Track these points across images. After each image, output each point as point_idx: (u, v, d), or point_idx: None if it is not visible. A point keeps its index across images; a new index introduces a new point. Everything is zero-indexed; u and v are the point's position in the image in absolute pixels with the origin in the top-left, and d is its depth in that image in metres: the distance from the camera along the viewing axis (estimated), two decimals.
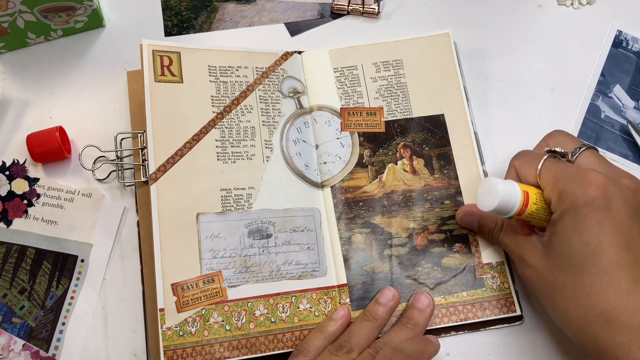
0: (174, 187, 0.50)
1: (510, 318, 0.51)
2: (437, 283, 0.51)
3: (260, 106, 0.54)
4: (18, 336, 0.50)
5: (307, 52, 0.57)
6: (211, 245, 0.49)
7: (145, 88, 0.52)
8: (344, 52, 0.57)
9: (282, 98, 0.55)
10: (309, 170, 0.54)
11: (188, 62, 0.54)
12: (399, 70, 0.57)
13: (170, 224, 0.49)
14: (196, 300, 0.48)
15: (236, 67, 0.55)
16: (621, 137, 0.57)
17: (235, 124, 0.53)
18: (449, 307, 0.50)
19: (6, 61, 0.57)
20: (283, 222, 0.51)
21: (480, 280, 0.51)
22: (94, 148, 0.53)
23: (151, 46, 0.53)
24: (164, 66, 0.53)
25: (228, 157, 0.52)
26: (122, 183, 0.53)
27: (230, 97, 0.54)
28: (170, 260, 0.48)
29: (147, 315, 0.49)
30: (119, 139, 0.54)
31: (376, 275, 0.51)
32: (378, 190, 0.54)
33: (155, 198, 0.49)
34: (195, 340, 0.47)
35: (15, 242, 0.52)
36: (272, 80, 0.55)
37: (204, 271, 0.49)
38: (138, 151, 0.53)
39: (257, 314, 0.49)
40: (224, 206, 0.50)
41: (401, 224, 0.53)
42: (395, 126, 0.55)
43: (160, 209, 0.49)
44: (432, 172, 0.54)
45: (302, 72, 0.57)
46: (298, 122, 0.55)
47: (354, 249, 0.52)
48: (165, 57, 0.53)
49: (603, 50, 0.60)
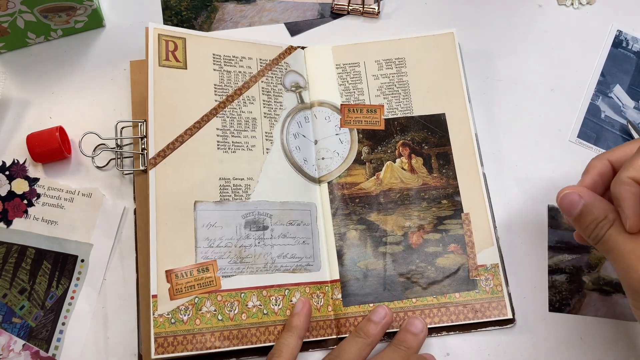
0: (173, 173, 0.50)
1: (502, 320, 0.51)
2: (430, 282, 0.51)
3: (263, 98, 0.54)
4: (18, 336, 0.50)
5: (310, 48, 0.58)
6: (207, 234, 0.49)
7: (149, 72, 0.51)
8: (346, 49, 0.57)
9: (285, 91, 0.55)
10: (307, 165, 0.54)
11: (193, 48, 0.54)
12: (401, 69, 0.57)
13: (167, 211, 0.48)
14: (190, 288, 0.48)
15: (240, 57, 0.55)
16: (621, 137, 0.57)
17: (237, 114, 0.53)
18: (441, 308, 0.50)
19: (6, 61, 0.57)
20: (280, 214, 0.51)
21: (473, 282, 0.51)
22: (94, 135, 0.53)
23: (157, 30, 0.53)
24: (169, 51, 0.53)
25: (228, 146, 0.52)
26: (120, 171, 0.53)
27: (233, 86, 0.54)
28: (166, 247, 0.48)
29: (140, 302, 0.49)
30: (119, 128, 0.54)
31: (369, 272, 0.51)
32: (375, 187, 0.54)
33: (153, 183, 0.49)
34: (187, 328, 0.47)
35: (15, 242, 0.52)
36: (275, 73, 0.55)
37: (198, 260, 0.48)
38: (138, 140, 0.53)
39: (250, 305, 0.49)
40: (222, 195, 0.51)
41: (397, 222, 0.53)
42: (395, 124, 0.55)
43: (158, 195, 0.49)
44: (431, 171, 0.54)
45: (305, 67, 0.57)
46: (299, 116, 0.55)
47: (348, 245, 0.52)
48: (171, 42, 0.53)
49: (603, 50, 0.60)
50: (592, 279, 0.53)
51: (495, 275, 0.51)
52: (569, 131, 0.57)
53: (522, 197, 0.55)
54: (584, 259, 0.53)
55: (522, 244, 0.53)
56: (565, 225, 0.54)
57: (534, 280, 0.52)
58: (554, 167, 0.56)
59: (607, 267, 0.53)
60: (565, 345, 0.50)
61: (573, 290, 0.52)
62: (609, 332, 0.51)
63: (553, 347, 0.51)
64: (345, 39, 0.59)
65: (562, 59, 0.60)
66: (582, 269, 0.53)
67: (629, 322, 0.52)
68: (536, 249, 0.53)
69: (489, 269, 0.51)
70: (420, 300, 0.50)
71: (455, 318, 0.50)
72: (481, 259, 0.52)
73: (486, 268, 0.51)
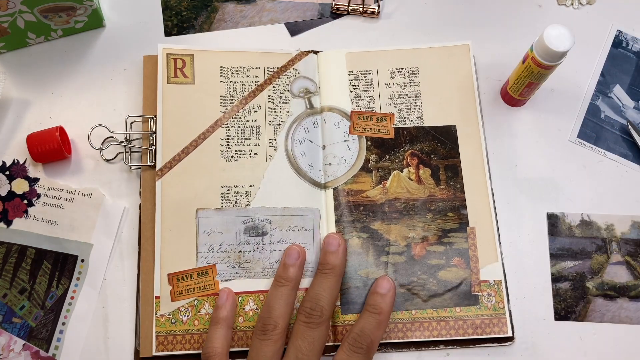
0: (177, 183, 0.51)
1: (501, 338, 0.50)
2: (431, 295, 0.51)
3: (269, 106, 0.55)
4: (18, 336, 0.50)
5: (323, 53, 0.57)
6: (208, 239, 0.51)
7: (158, 90, 0.53)
8: (360, 56, 0.57)
9: (292, 98, 0.55)
10: (313, 170, 0.54)
11: (201, 63, 0.55)
12: (414, 78, 0.57)
13: (171, 218, 0.51)
14: (190, 291, 0.50)
15: (247, 68, 0.55)
16: (621, 137, 0.57)
17: (242, 123, 0.54)
18: (440, 321, 0.50)
19: (6, 61, 0.57)
20: (280, 220, 0.52)
21: (475, 297, 0.51)
22: (103, 129, 0.54)
23: (166, 50, 0.54)
24: (177, 68, 0.54)
25: (231, 155, 0.53)
26: (128, 165, 0.53)
27: (239, 96, 0.54)
28: (169, 252, 0.50)
29: (140, 299, 0.50)
30: (129, 122, 0.54)
31: (370, 281, 0.51)
32: (380, 196, 0.53)
33: (159, 194, 0.51)
34: (186, 328, 0.49)
35: (16, 242, 0.52)
36: (283, 80, 0.56)
37: (199, 264, 0.50)
38: (147, 135, 0.53)
39: (247, 308, 0.50)
40: (223, 202, 0.51)
41: (401, 232, 0.52)
42: (405, 134, 0.55)
43: (164, 204, 0.51)
44: (438, 183, 0.54)
45: (317, 72, 0.57)
46: (307, 121, 0.55)
47: (350, 252, 0.52)
48: (179, 59, 0.54)
49: (603, 50, 0.60)
50: (595, 284, 0.52)
51: (498, 291, 0.51)
52: (569, 131, 0.57)
53: (523, 199, 0.55)
54: (586, 264, 0.53)
55: (523, 251, 0.53)
56: (565, 232, 0.54)
57: (538, 289, 0.52)
58: (553, 167, 0.56)
59: (610, 271, 0.53)
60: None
61: (577, 297, 0.52)
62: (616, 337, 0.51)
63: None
64: (346, 40, 0.59)
65: None
66: (585, 275, 0.52)
67: (636, 326, 0.51)
68: (538, 255, 0.53)
69: (492, 285, 0.51)
70: (420, 313, 0.50)
71: (454, 333, 0.50)
72: (484, 275, 0.51)
73: (489, 284, 0.51)
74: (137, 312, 0.50)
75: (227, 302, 0.49)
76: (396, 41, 0.59)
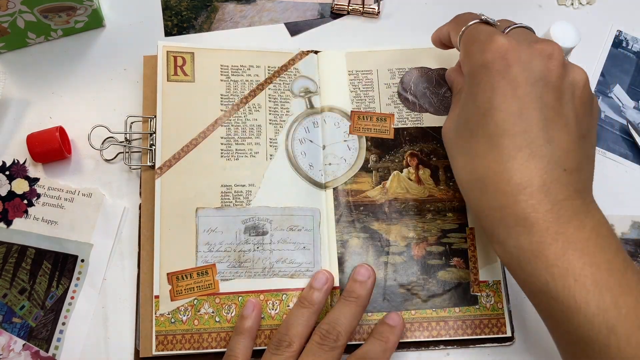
0: (177, 182, 0.51)
1: (501, 338, 0.50)
2: (431, 295, 0.51)
3: (269, 105, 0.54)
4: (18, 336, 0.50)
5: (323, 52, 0.57)
6: (208, 239, 0.50)
7: (158, 88, 0.53)
8: (360, 56, 0.57)
9: (292, 97, 0.55)
10: (313, 170, 0.54)
11: (201, 62, 0.54)
12: None
13: (171, 217, 0.50)
14: (189, 290, 0.49)
15: (248, 66, 0.55)
16: (621, 137, 0.57)
17: (242, 122, 0.54)
18: (440, 321, 0.50)
19: (6, 61, 0.57)
20: (280, 220, 0.51)
21: (474, 298, 0.51)
22: (103, 129, 0.54)
23: (166, 47, 0.54)
24: (177, 66, 0.54)
25: (232, 154, 0.53)
26: (128, 165, 0.53)
27: (239, 95, 0.54)
28: (168, 251, 0.50)
29: (140, 298, 0.50)
30: (129, 122, 0.54)
31: None
32: (380, 196, 0.53)
33: (159, 192, 0.51)
34: (186, 328, 0.48)
35: (16, 242, 0.52)
36: (284, 79, 0.55)
37: (198, 263, 0.50)
38: (147, 135, 0.53)
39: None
40: (223, 201, 0.51)
41: (400, 232, 0.52)
42: (405, 134, 0.55)
43: (163, 203, 0.50)
44: (438, 183, 0.54)
45: (317, 71, 0.56)
46: (307, 121, 0.55)
47: (349, 252, 0.52)
48: (179, 57, 0.54)
49: (603, 50, 0.60)
50: None
51: (497, 292, 0.51)
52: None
53: None
54: None
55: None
56: None
57: None
58: None
59: None
60: None
61: None
62: None
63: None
64: (346, 39, 0.59)
65: None
66: None
67: None
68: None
69: (491, 285, 0.51)
70: (420, 313, 0.50)
71: (453, 333, 0.50)
72: (483, 275, 0.51)
73: (488, 284, 0.51)
74: (137, 312, 0.50)
75: (254, 313, 0.48)
76: (396, 41, 0.60)
